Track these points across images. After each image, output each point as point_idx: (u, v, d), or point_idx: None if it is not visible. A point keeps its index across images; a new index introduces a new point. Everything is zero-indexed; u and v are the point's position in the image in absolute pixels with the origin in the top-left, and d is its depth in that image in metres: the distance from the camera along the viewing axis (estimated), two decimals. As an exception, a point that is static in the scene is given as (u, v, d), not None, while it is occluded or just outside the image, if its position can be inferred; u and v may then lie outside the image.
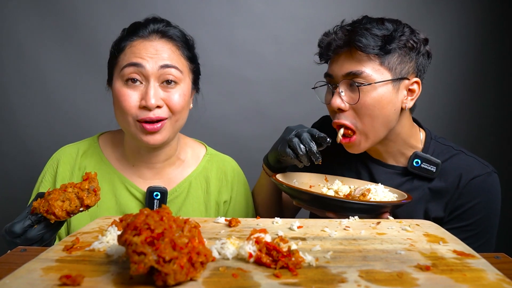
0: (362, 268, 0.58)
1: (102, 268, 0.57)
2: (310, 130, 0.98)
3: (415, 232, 0.75)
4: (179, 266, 0.51)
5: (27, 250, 0.71)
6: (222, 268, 0.57)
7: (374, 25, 0.99)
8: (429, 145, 1.11)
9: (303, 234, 0.74)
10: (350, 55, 1.00)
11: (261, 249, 0.59)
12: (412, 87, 1.04)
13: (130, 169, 1.09)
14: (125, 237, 0.51)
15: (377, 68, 0.99)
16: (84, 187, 0.81)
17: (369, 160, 1.16)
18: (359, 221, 0.83)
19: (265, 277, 0.54)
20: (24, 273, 0.55)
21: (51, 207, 0.78)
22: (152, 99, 0.94)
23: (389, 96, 1.00)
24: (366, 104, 0.99)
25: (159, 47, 0.99)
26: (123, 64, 0.97)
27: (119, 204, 1.07)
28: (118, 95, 0.97)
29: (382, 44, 0.98)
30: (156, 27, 1.01)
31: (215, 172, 1.16)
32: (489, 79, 2.08)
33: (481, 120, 2.10)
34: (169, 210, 0.55)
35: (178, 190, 1.11)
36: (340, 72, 1.02)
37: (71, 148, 1.11)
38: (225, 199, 1.16)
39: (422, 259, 0.62)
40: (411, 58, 1.02)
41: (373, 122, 1.01)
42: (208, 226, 0.78)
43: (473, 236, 1.04)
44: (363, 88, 0.98)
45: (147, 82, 0.96)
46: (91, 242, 0.68)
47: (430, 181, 1.08)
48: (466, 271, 0.57)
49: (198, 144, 1.23)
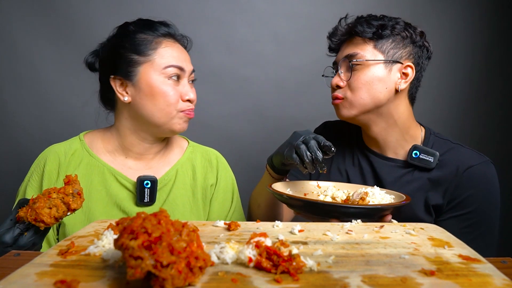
0: (365, 273, 0.58)
1: (98, 273, 0.57)
2: (316, 137, 1.01)
3: (420, 236, 0.75)
4: (177, 271, 0.50)
5: (20, 255, 0.71)
6: (221, 273, 0.57)
7: (373, 17, 1.17)
8: (428, 139, 1.20)
9: (305, 238, 0.74)
10: (351, 42, 1.18)
11: (261, 254, 0.59)
12: (405, 71, 1.16)
13: (120, 162, 1.18)
14: (121, 241, 0.51)
15: (371, 51, 1.14)
16: (69, 192, 0.83)
17: (371, 154, 1.24)
18: (362, 225, 0.83)
19: (265, 282, 0.54)
20: (18, 278, 0.55)
21: (39, 216, 0.79)
22: (195, 93, 1.16)
23: (380, 75, 1.14)
24: (359, 80, 1.14)
25: (185, 52, 1.18)
26: (166, 64, 1.10)
27: (110, 195, 1.14)
28: (163, 91, 1.10)
29: (376, 30, 1.13)
30: (180, 34, 1.19)
31: (199, 160, 1.27)
32: (494, 79, 2.08)
33: (486, 121, 2.10)
34: (166, 213, 0.55)
35: (166, 178, 1.20)
36: (341, 56, 1.18)
37: (57, 147, 1.16)
38: (211, 182, 1.25)
39: (426, 263, 0.61)
40: (404, 45, 1.15)
41: (362, 94, 1.14)
42: (207, 229, 0.78)
43: (473, 225, 1.11)
44: (357, 67, 1.15)
45: (183, 79, 1.14)
46: (87, 246, 0.68)
47: (429, 172, 1.16)
48: (472, 276, 0.57)
49: (180, 138, 1.34)
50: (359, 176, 1.25)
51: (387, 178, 1.19)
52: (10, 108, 1.94)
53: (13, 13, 1.88)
